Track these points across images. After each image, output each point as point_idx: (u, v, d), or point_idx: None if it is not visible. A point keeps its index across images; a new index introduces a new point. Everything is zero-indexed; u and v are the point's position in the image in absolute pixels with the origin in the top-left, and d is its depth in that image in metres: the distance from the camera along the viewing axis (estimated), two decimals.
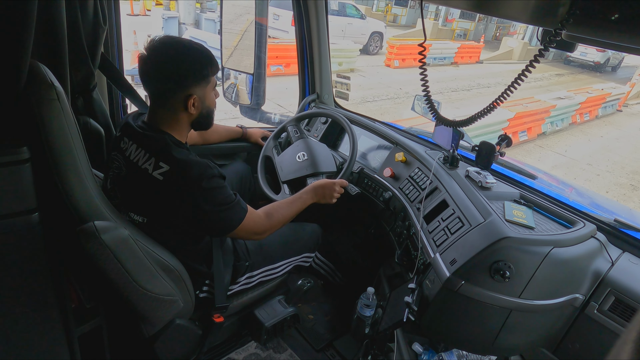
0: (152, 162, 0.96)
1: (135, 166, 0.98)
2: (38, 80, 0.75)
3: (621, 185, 5.46)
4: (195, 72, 0.98)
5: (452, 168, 1.31)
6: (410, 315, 1.03)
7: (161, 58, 0.95)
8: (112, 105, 1.46)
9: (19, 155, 0.74)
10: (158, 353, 1.13)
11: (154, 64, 0.95)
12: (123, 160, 1.01)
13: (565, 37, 0.87)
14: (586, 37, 0.79)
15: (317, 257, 1.49)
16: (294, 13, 1.83)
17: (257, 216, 1.12)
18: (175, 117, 1.01)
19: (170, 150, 0.96)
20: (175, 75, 0.96)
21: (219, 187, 1.00)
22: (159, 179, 0.95)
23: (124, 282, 0.92)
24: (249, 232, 1.10)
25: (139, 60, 0.97)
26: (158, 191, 0.96)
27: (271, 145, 1.66)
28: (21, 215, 0.77)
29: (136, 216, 1.01)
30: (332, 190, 1.32)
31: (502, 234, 0.96)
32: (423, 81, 1.03)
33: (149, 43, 0.95)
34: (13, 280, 0.83)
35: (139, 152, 0.98)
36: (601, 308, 0.98)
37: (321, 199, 1.30)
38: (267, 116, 2.10)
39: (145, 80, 0.98)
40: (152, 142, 0.98)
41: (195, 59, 0.98)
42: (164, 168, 0.95)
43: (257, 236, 1.14)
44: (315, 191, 1.29)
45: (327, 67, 1.91)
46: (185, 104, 0.99)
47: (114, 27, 1.34)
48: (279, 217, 1.18)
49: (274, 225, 1.17)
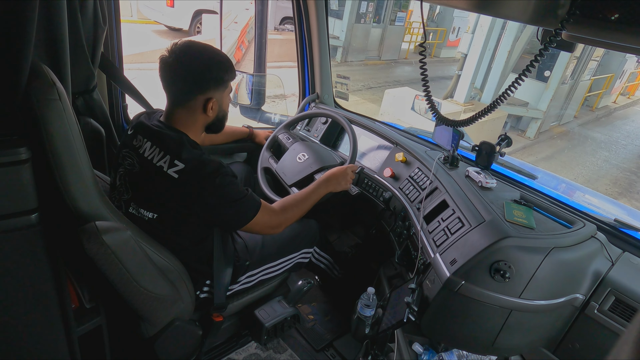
0: (167, 160, 0.98)
1: (149, 163, 1.00)
2: (39, 79, 0.75)
3: None
4: (218, 77, 1.02)
5: (452, 168, 1.31)
6: (411, 315, 1.03)
7: (187, 62, 0.99)
8: (112, 105, 1.46)
9: (19, 155, 0.73)
10: (158, 353, 1.14)
11: (178, 67, 0.99)
12: (136, 157, 1.03)
13: (565, 37, 0.87)
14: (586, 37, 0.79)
15: (315, 251, 1.50)
16: (294, 13, 1.83)
17: (272, 210, 1.15)
18: (193, 118, 1.05)
19: (186, 150, 0.99)
20: (199, 79, 1.00)
21: (232, 184, 1.03)
22: (174, 177, 0.97)
23: (125, 282, 0.92)
24: (264, 226, 1.13)
25: (162, 62, 0.99)
26: (173, 189, 0.98)
27: (267, 156, 1.65)
28: (21, 215, 0.77)
29: (147, 212, 1.03)
30: (346, 175, 1.34)
31: (502, 234, 0.96)
32: (424, 81, 1.03)
33: (173, 47, 0.99)
34: (13, 280, 0.82)
35: (153, 150, 1.00)
36: (601, 308, 0.98)
37: (337, 187, 1.33)
38: (267, 116, 2.10)
39: (169, 82, 1.01)
40: (169, 140, 1.00)
41: (219, 65, 1.02)
42: (179, 166, 0.97)
43: (272, 230, 1.16)
44: (329, 181, 1.31)
45: (327, 67, 1.91)
46: (204, 106, 1.03)
47: (114, 27, 1.34)
48: (295, 210, 1.21)
49: (289, 219, 1.19)
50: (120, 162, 1.08)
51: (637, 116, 11.08)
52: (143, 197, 1.03)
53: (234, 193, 1.03)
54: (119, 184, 1.07)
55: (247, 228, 1.10)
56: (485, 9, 1.04)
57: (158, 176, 0.99)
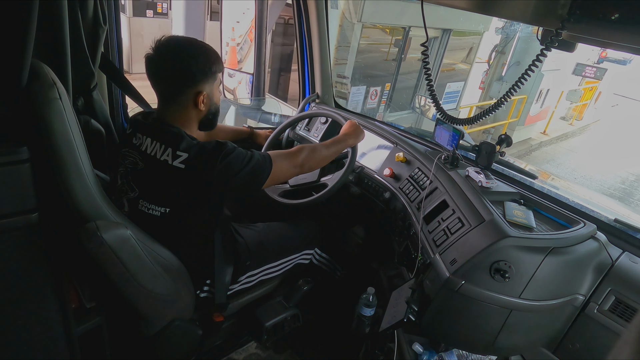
0: (169, 153, 0.98)
1: (153, 159, 1.00)
2: (40, 79, 0.75)
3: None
4: (205, 69, 1.01)
5: (452, 168, 1.31)
6: (411, 315, 1.03)
7: (171, 57, 0.98)
8: (112, 105, 1.45)
9: (19, 155, 0.74)
10: (158, 353, 1.14)
11: (164, 63, 0.98)
12: (138, 154, 1.03)
13: (565, 37, 0.87)
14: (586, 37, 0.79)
15: (316, 252, 1.50)
16: (294, 13, 1.83)
17: (286, 153, 1.17)
18: (186, 114, 1.05)
19: (185, 140, 0.99)
20: (187, 73, 0.99)
21: (235, 151, 1.04)
22: (181, 167, 0.98)
23: (125, 281, 0.92)
24: (288, 169, 1.16)
25: (147, 60, 0.99)
26: (182, 179, 0.99)
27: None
28: (21, 215, 0.77)
29: (159, 207, 1.03)
30: (357, 127, 1.40)
31: (502, 234, 0.96)
32: (427, 80, 1.03)
33: (156, 43, 0.98)
34: (13, 280, 0.83)
35: (155, 145, 1.01)
36: (601, 308, 0.98)
37: (356, 140, 1.38)
38: (267, 116, 2.10)
39: (156, 80, 1.01)
40: (169, 134, 1.00)
41: (204, 57, 1.01)
42: (182, 156, 0.98)
43: (298, 168, 1.19)
44: (347, 135, 1.36)
45: (327, 67, 1.91)
46: (195, 101, 1.03)
47: (114, 27, 1.34)
48: (313, 153, 1.23)
49: (309, 158, 1.21)
50: (120, 161, 1.08)
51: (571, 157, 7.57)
52: (152, 193, 1.03)
53: (242, 156, 1.04)
54: (121, 183, 1.07)
55: (273, 180, 1.11)
56: (486, 9, 1.04)
57: (165, 170, 0.99)
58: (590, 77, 7.52)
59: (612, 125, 9.86)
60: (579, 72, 7.44)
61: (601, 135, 9.27)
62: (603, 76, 7.46)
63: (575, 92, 8.00)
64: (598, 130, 9.55)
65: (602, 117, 9.86)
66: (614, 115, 10.24)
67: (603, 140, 9.00)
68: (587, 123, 9.40)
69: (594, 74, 7.34)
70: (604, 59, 8.09)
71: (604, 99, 9.60)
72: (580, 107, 8.89)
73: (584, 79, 7.95)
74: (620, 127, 9.69)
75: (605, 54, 7.91)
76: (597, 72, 7.28)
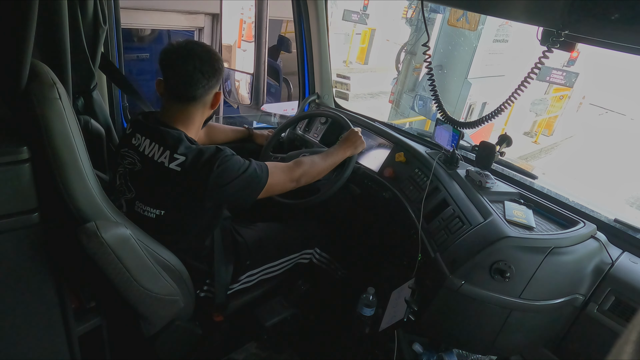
0: (167, 156, 0.99)
1: (150, 160, 1.00)
2: (39, 79, 0.75)
3: None
4: (220, 70, 1.05)
5: (452, 168, 1.31)
6: (410, 315, 1.03)
7: (199, 58, 1.00)
8: (112, 106, 1.46)
9: (19, 155, 0.74)
10: (158, 353, 1.13)
11: (194, 64, 1.00)
12: (137, 155, 1.03)
13: (565, 37, 0.87)
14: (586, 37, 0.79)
15: (316, 252, 1.49)
16: (294, 13, 1.83)
17: (284, 166, 1.19)
18: (200, 114, 1.08)
19: (184, 144, 1.00)
20: (215, 72, 1.03)
21: (233, 159, 1.04)
22: (177, 170, 0.98)
23: (125, 281, 0.91)
24: (284, 183, 1.16)
25: (170, 62, 1.01)
26: (178, 183, 0.99)
27: (267, 157, 1.61)
28: (21, 215, 0.77)
29: (154, 209, 1.03)
30: (358, 137, 1.38)
31: (502, 234, 0.96)
32: (430, 81, 1.03)
33: (177, 47, 1.00)
34: (13, 280, 0.83)
35: (153, 147, 1.01)
36: (601, 308, 0.98)
37: (355, 149, 1.37)
38: (267, 117, 2.10)
39: (183, 81, 1.01)
40: (168, 136, 1.01)
41: (218, 59, 1.05)
42: (179, 159, 0.98)
43: (294, 183, 1.19)
44: (346, 145, 1.36)
45: (327, 67, 1.91)
46: (213, 100, 1.08)
47: (114, 27, 1.34)
48: (311, 166, 1.23)
49: (306, 171, 1.21)
50: (119, 161, 1.08)
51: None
52: (148, 195, 1.03)
53: (238, 165, 1.04)
54: (119, 184, 1.07)
55: (268, 193, 1.11)
56: (486, 9, 1.04)
57: (161, 172, 0.99)
58: (559, 84, 5.44)
59: (587, 141, 7.76)
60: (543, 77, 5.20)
61: (568, 156, 7.02)
62: (574, 82, 5.31)
63: (540, 102, 6.17)
64: (568, 148, 7.42)
65: (576, 131, 7.81)
66: (593, 127, 8.20)
67: (569, 162, 6.75)
68: (557, 140, 7.35)
69: (563, 79, 5.27)
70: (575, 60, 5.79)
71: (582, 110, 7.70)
72: (548, 120, 6.99)
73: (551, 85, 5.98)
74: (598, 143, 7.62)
75: (577, 54, 5.59)
76: (566, 76, 5.24)
